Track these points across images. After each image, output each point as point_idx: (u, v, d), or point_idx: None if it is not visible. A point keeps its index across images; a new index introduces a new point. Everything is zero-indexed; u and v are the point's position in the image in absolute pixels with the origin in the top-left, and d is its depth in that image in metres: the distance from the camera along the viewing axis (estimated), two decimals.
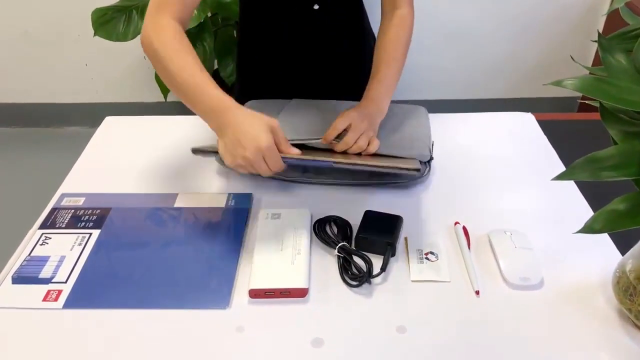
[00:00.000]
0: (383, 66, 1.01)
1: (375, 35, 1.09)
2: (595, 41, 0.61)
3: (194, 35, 1.88)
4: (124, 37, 1.86)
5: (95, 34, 1.86)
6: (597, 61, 2.33)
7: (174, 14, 0.87)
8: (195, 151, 0.94)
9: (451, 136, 1.09)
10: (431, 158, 0.98)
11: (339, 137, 0.92)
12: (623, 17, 0.66)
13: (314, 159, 0.86)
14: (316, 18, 1.09)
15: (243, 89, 1.24)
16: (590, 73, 0.64)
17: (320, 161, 0.86)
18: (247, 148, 0.76)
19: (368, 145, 0.91)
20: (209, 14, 1.86)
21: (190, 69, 0.82)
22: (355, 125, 0.91)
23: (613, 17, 2.06)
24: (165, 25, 0.86)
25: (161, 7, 0.87)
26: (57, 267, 0.80)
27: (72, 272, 0.79)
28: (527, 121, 1.15)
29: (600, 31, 2.32)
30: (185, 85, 0.82)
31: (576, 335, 0.70)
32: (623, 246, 0.81)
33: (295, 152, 0.81)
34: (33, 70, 2.47)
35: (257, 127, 0.77)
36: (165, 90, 2.13)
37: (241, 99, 1.04)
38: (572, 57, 0.73)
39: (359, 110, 0.95)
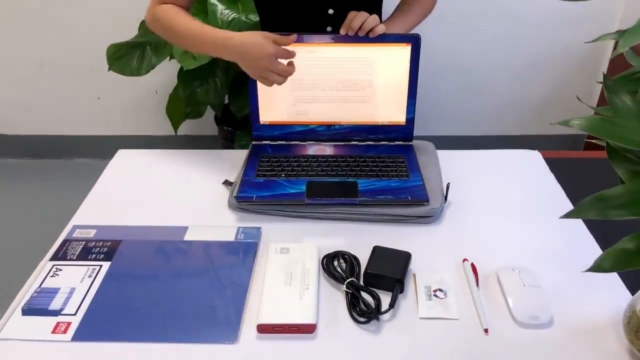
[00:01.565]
0: (396, 15, 1.20)
1: None
2: (601, 82, 0.62)
3: (205, 71, 1.92)
4: (137, 72, 1.90)
5: (109, 69, 1.90)
6: (602, 100, 2.35)
7: (172, 2, 1.07)
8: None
9: (458, 173, 1.09)
10: (445, 200, 0.99)
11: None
12: (628, 59, 0.67)
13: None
14: (331, 23, 1.15)
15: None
16: (595, 113, 0.65)
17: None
18: (260, 59, 0.95)
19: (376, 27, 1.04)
20: None
21: (192, 26, 1.04)
22: (360, 13, 1.04)
23: (618, 57, 2.09)
24: (167, 7, 1.07)
25: (159, 2, 1.07)
26: (67, 299, 0.80)
27: (82, 304, 0.79)
28: (534, 159, 1.16)
29: (605, 71, 2.35)
30: (193, 37, 1.03)
31: None
32: (633, 285, 0.81)
33: (293, 36, 1.00)
34: (46, 102, 2.51)
35: (257, 42, 0.96)
36: (176, 124, 2.16)
37: None
38: (578, 98, 0.75)
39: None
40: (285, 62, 0.99)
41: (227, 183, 1.05)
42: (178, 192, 1.05)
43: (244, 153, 1.13)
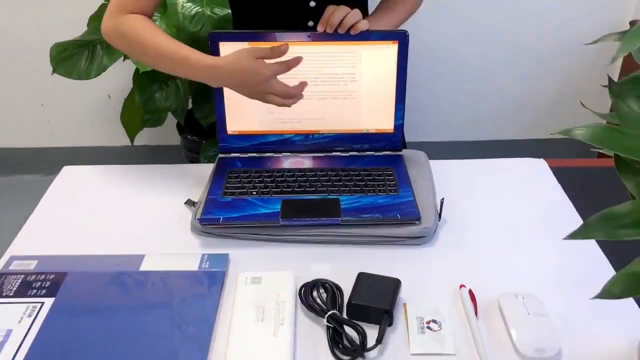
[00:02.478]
0: (380, 10, 1.24)
1: None
2: (606, 86, 0.64)
3: (165, 74, 1.92)
4: (86, 75, 1.90)
5: (54, 72, 1.89)
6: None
7: (135, 12, 1.07)
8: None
9: (454, 186, 1.11)
10: (439, 218, 1.01)
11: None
12: (636, 59, 0.69)
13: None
14: (313, 17, 1.16)
15: None
16: (607, 121, 0.66)
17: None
18: (256, 83, 0.99)
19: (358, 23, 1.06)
20: None
21: (170, 47, 1.03)
22: (345, 7, 1.07)
23: (631, 58, 2.14)
24: (131, 16, 1.06)
25: (119, 10, 1.07)
26: (2, 342, 0.79)
27: (20, 350, 0.78)
28: (539, 169, 1.18)
29: (618, 72, 2.40)
30: (171, 60, 1.04)
31: None
32: None
33: (284, 47, 1.00)
34: None
35: (249, 67, 0.98)
36: (132, 133, 2.16)
37: None
38: (582, 103, 0.76)
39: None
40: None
41: (189, 203, 1.05)
42: (133, 215, 1.05)
43: (209, 167, 1.14)
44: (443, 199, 1.03)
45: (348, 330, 0.80)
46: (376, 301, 0.83)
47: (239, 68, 0.99)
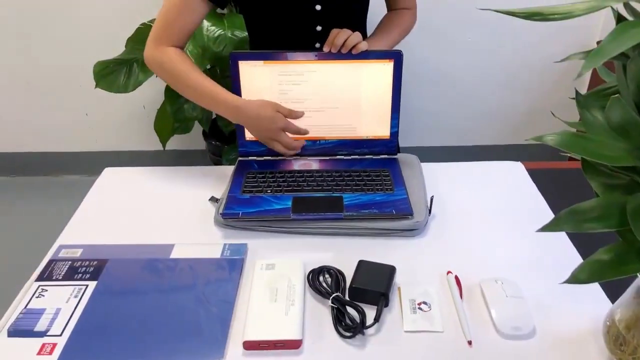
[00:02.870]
0: (378, 32, 1.23)
1: None
2: (574, 98, 0.64)
3: None
4: (124, 89, 1.91)
5: (96, 86, 1.90)
6: None
7: (175, 42, 1.09)
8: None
9: (441, 186, 1.11)
10: (429, 213, 1.00)
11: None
12: (600, 75, 0.69)
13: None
14: (320, 40, 1.16)
15: None
16: (577, 129, 0.66)
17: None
18: (269, 130, 1.06)
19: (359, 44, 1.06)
20: (208, 67, 1.91)
21: (204, 83, 1.06)
22: (347, 30, 1.07)
23: (597, 74, 2.14)
24: (169, 50, 1.08)
25: (159, 40, 1.08)
26: (53, 319, 0.80)
27: (68, 325, 0.79)
28: (516, 170, 1.18)
29: (588, 82, 2.39)
30: (202, 95, 1.07)
31: None
32: (614, 294, 0.82)
33: (300, 112, 1.08)
34: (33, 119, 2.51)
35: (268, 113, 1.04)
36: (164, 139, 2.17)
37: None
38: (552, 113, 0.76)
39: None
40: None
41: (213, 200, 1.06)
42: (165, 210, 1.06)
43: (230, 169, 1.14)
44: (432, 196, 1.03)
45: (350, 310, 0.80)
46: (374, 285, 0.83)
47: (259, 114, 1.04)
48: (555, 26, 2.29)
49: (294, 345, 0.75)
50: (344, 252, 0.93)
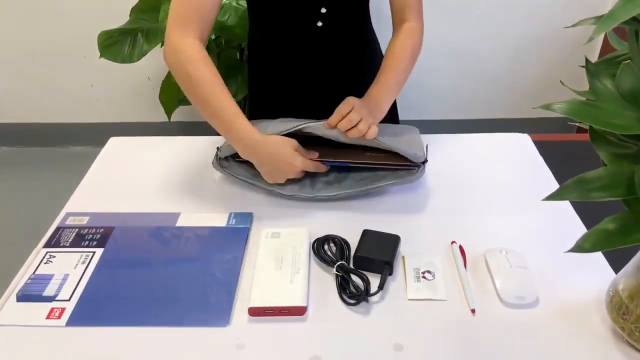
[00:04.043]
0: (387, 71, 1.06)
1: (383, 50, 1.13)
2: (583, 66, 0.63)
3: None
4: (129, 59, 1.90)
5: (101, 56, 1.89)
6: None
7: (196, 32, 0.94)
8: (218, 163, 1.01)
9: (448, 157, 1.11)
10: (425, 160, 0.99)
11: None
12: (611, 42, 0.68)
13: (333, 159, 0.98)
14: (320, 35, 1.12)
15: (254, 108, 1.27)
16: (587, 98, 0.66)
17: (338, 162, 0.98)
18: (288, 172, 0.95)
19: (368, 131, 0.94)
20: (213, 37, 1.89)
21: (222, 101, 0.93)
22: (357, 109, 0.95)
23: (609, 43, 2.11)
24: (191, 46, 0.93)
25: (184, 25, 0.94)
26: (61, 285, 0.81)
27: (76, 290, 0.80)
28: (523, 142, 1.17)
29: (598, 53, 2.36)
30: (217, 115, 0.94)
31: (570, 354, 0.71)
32: (617, 265, 0.83)
33: (315, 154, 0.98)
34: (39, 90, 2.51)
35: (288, 153, 0.94)
36: (169, 111, 2.16)
37: (252, 118, 1.08)
38: (561, 82, 0.75)
39: (361, 100, 1.00)
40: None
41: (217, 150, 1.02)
42: (170, 179, 1.06)
43: None
44: (427, 144, 1.03)
45: (354, 278, 0.81)
46: (378, 254, 0.83)
47: (277, 152, 0.94)
48: None
49: (298, 311, 0.76)
50: (349, 222, 0.93)
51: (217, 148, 1.03)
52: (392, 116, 1.29)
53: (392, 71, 1.06)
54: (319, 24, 1.10)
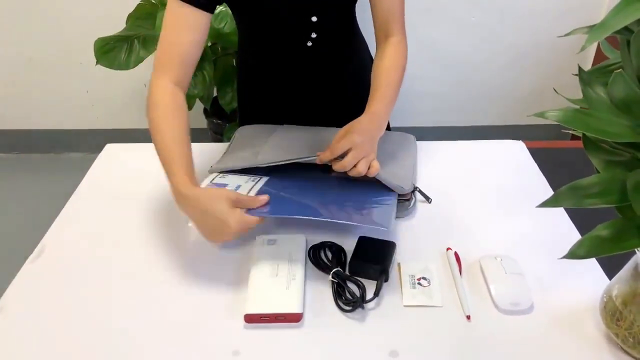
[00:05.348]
0: (383, 86, 1.02)
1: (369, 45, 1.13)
2: (577, 75, 0.64)
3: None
4: (125, 66, 1.90)
5: (97, 63, 1.90)
6: None
7: (174, 75, 0.94)
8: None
9: (443, 164, 1.11)
10: (415, 189, 0.98)
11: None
12: (603, 51, 0.69)
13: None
14: (310, 54, 1.12)
15: (243, 119, 1.28)
16: (581, 107, 0.66)
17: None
18: (223, 234, 0.81)
19: (368, 168, 0.89)
20: (209, 44, 1.90)
21: (169, 151, 0.88)
22: (356, 148, 0.88)
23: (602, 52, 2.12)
24: (162, 89, 0.93)
25: (163, 67, 0.94)
26: (237, 188, 0.89)
27: (250, 192, 0.88)
28: (518, 149, 1.18)
29: (592, 61, 2.38)
30: (162, 157, 0.88)
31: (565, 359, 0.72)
32: (611, 271, 0.83)
33: (264, 198, 0.85)
34: (35, 97, 2.51)
35: (221, 210, 0.79)
36: None
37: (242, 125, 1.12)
38: (555, 90, 0.76)
39: (361, 131, 0.91)
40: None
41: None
42: (167, 185, 1.06)
43: None
44: (417, 187, 1.00)
45: (350, 285, 0.81)
46: (374, 260, 0.84)
47: (210, 208, 0.79)
48: (561, 6, 2.27)
49: (294, 318, 0.76)
50: (345, 229, 0.93)
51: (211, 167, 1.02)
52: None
53: (388, 87, 1.02)
54: (309, 44, 1.10)
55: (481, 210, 0.99)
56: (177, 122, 0.92)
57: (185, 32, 0.94)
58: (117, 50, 1.90)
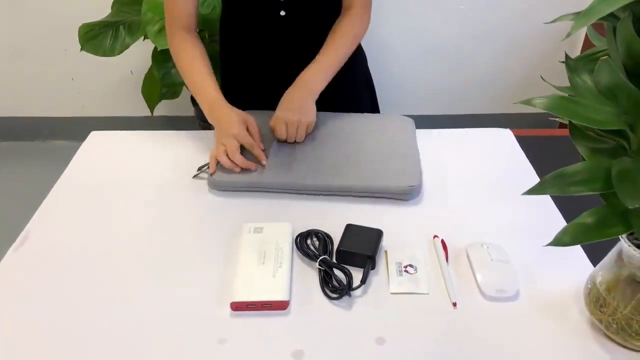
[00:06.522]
0: (321, 54, 1.12)
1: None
2: (563, 62, 0.64)
3: None
4: (110, 52, 1.88)
5: (82, 49, 1.87)
6: None
7: (183, 24, 1.11)
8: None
9: (430, 151, 1.11)
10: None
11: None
12: (590, 39, 0.69)
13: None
14: (284, 24, 1.14)
15: (226, 94, 1.27)
16: (568, 94, 0.66)
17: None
18: (225, 135, 1.01)
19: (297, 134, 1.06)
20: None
21: (196, 73, 1.09)
22: (287, 121, 1.05)
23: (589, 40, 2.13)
24: (182, 40, 1.11)
25: (173, 23, 1.12)
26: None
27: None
28: (505, 137, 1.18)
29: (580, 49, 2.38)
30: (192, 84, 1.10)
31: (550, 346, 0.72)
32: (596, 258, 0.84)
33: (260, 145, 1.03)
34: (19, 84, 2.47)
35: (234, 120, 1.02)
36: (152, 105, 2.14)
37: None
38: (542, 77, 0.76)
39: (285, 105, 1.08)
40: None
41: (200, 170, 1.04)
42: (152, 173, 1.05)
43: None
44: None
45: (337, 272, 0.81)
46: (361, 248, 0.84)
47: (227, 117, 1.02)
48: None
49: (281, 306, 0.76)
50: (332, 216, 0.93)
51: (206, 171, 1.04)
52: (369, 108, 1.31)
53: (329, 54, 1.12)
54: (282, 13, 1.13)
55: (468, 197, 0.99)
56: (204, 62, 1.11)
57: None
58: (102, 37, 1.88)
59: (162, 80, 1.93)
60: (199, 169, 1.04)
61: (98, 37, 1.87)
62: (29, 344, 0.72)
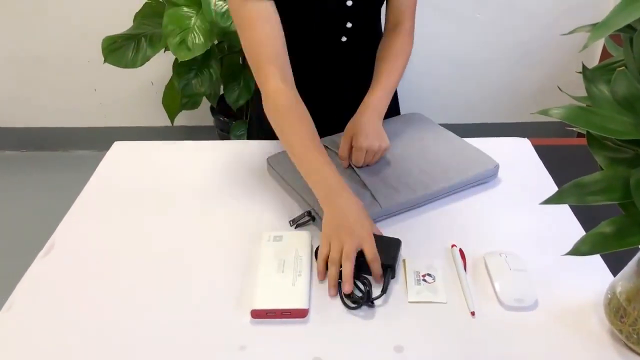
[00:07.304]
0: (384, 76, 1.08)
1: None
2: (580, 72, 0.64)
3: (200, 63, 1.94)
4: (132, 64, 1.92)
5: (105, 61, 1.91)
6: None
7: (278, 74, 0.95)
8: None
9: None
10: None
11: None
12: (608, 49, 0.69)
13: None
14: (345, 50, 1.12)
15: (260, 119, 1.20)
16: (587, 105, 0.66)
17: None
18: (350, 240, 0.82)
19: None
20: (216, 42, 1.91)
21: (306, 144, 0.92)
22: (368, 149, 1.00)
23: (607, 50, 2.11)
24: (277, 93, 0.95)
25: (264, 72, 0.95)
26: None
27: None
28: (523, 147, 1.18)
29: (598, 59, 2.37)
30: (303, 158, 0.92)
31: (569, 356, 0.72)
32: (615, 268, 0.83)
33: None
34: (43, 95, 2.53)
35: (364, 226, 0.84)
36: (172, 115, 2.18)
37: (260, 132, 1.16)
38: (559, 87, 0.77)
39: (362, 133, 1.01)
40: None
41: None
42: (174, 182, 1.07)
43: (240, 143, 1.15)
44: None
45: (356, 282, 0.82)
46: (381, 258, 0.84)
47: (357, 216, 0.85)
48: (567, 4, 2.26)
49: (300, 314, 0.77)
50: None
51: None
52: (393, 113, 1.31)
53: (389, 76, 1.08)
54: (344, 39, 1.10)
55: (486, 207, 0.99)
56: (307, 127, 0.94)
57: (265, 26, 0.94)
58: (124, 49, 1.92)
59: (182, 91, 1.97)
60: (294, 221, 0.95)
61: (120, 49, 1.92)
62: (56, 350, 0.74)
